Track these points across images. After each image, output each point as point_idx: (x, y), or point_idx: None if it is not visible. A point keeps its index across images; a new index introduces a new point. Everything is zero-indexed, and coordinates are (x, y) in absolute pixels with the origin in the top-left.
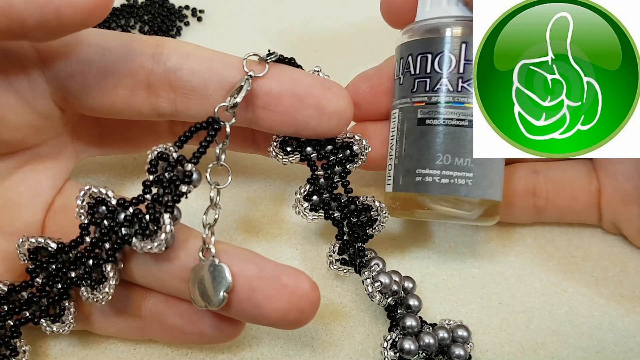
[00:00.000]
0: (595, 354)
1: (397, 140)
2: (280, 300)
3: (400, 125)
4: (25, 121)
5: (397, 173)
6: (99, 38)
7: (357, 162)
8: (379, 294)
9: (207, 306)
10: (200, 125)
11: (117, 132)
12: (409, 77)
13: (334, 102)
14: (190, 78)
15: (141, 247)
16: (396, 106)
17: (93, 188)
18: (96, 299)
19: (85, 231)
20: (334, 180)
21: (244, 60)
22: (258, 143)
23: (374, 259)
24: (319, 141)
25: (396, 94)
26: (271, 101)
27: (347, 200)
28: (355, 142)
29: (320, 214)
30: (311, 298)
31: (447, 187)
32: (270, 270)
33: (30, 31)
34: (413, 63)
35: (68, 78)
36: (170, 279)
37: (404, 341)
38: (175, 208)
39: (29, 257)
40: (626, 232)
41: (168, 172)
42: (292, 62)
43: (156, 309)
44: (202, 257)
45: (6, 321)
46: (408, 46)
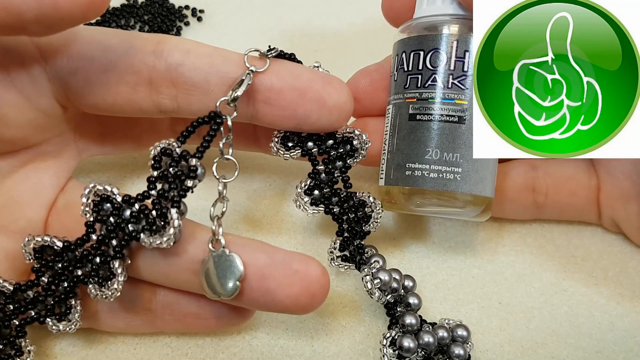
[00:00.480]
0: (595, 354)
1: (390, 135)
2: (292, 285)
3: (393, 120)
4: (27, 119)
5: (389, 167)
6: (100, 35)
7: (358, 157)
8: (379, 290)
9: (220, 296)
10: (203, 119)
11: (119, 130)
12: (403, 74)
13: (335, 96)
14: (192, 74)
15: (150, 242)
16: (391, 102)
17: (98, 185)
18: (105, 295)
19: (91, 229)
20: (335, 175)
21: (245, 56)
22: (259, 140)
23: (374, 256)
24: (320, 136)
25: (391, 90)
26: (272, 96)
27: (345, 195)
28: (356, 137)
29: (320, 208)
30: (322, 282)
31: (436, 181)
32: (280, 258)
33: (28, 25)
34: (406, 60)
35: (70, 75)
36: (180, 273)
37: (404, 339)
38: (181, 203)
39: (35, 256)
40: (625, 229)
41: (172, 167)
42: (293, 57)
43: (168, 299)
44: (212, 249)
45: (11, 320)
46: (402, 43)
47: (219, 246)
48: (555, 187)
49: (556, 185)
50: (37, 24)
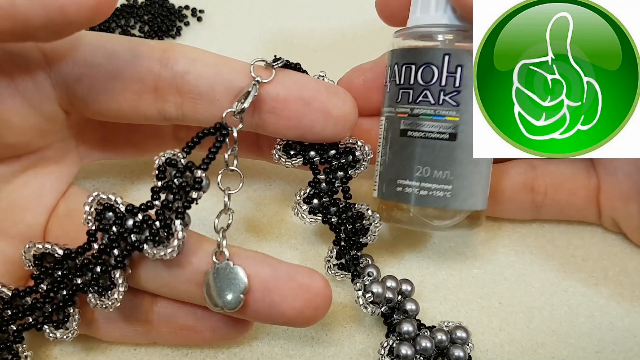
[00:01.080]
0: (595, 354)
1: (383, 148)
2: (296, 298)
3: (385, 133)
4: (30, 124)
5: (382, 181)
6: (107, 42)
7: (359, 168)
8: (371, 305)
9: (223, 309)
10: (208, 130)
11: (122, 136)
12: (395, 87)
13: (340, 107)
14: (197, 82)
15: (154, 253)
16: (384, 113)
17: (101, 194)
18: (105, 305)
19: (92, 237)
20: (335, 185)
21: (251, 66)
22: (262, 148)
23: (369, 266)
24: (322, 145)
25: (384, 101)
26: (278, 105)
27: (344, 205)
28: (358, 148)
29: (317, 217)
30: (325, 295)
31: (426, 198)
32: (284, 271)
33: (35, 32)
34: (398, 73)
35: (75, 82)
36: (183, 284)
37: (401, 346)
38: (185, 214)
39: (34, 262)
40: (625, 229)
41: (177, 178)
42: (298, 67)
43: (166, 310)
44: (215, 261)
45: (9, 326)
46: (395, 54)
47: (222, 258)
48: (555, 186)
49: (555, 184)
50: (45, 30)
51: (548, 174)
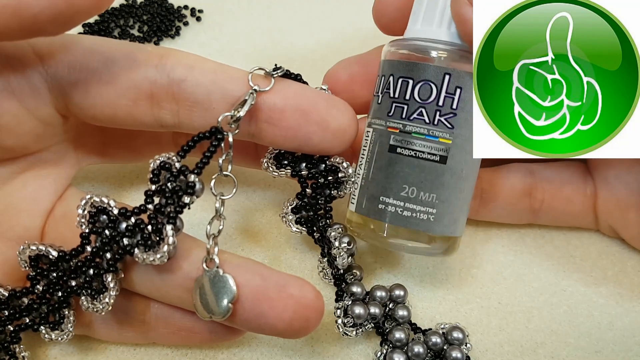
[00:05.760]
0: (595, 354)
1: (367, 162)
2: (286, 309)
3: (372, 146)
4: (27, 128)
5: (362, 195)
6: (104, 47)
7: (342, 191)
8: (353, 328)
9: (212, 317)
10: (203, 135)
11: (121, 141)
12: (388, 99)
13: (339, 119)
14: (194, 90)
15: (143, 258)
16: (371, 125)
17: (95, 197)
18: (96, 309)
19: (86, 240)
20: (319, 202)
21: (250, 74)
22: (260, 158)
23: (353, 285)
24: (312, 158)
25: (373, 111)
26: (275, 115)
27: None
28: (342, 169)
29: (303, 229)
30: (316, 307)
31: (408, 220)
32: (275, 280)
33: (44, 26)
34: (393, 85)
35: (71, 87)
36: (173, 289)
37: (393, 354)
38: (178, 219)
39: (30, 264)
40: (624, 236)
41: (171, 182)
42: (299, 78)
43: (162, 312)
44: (205, 268)
45: (6, 326)
46: (391, 65)
47: (213, 265)
48: (552, 192)
49: (552, 190)
50: (53, 23)
51: (545, 179)
